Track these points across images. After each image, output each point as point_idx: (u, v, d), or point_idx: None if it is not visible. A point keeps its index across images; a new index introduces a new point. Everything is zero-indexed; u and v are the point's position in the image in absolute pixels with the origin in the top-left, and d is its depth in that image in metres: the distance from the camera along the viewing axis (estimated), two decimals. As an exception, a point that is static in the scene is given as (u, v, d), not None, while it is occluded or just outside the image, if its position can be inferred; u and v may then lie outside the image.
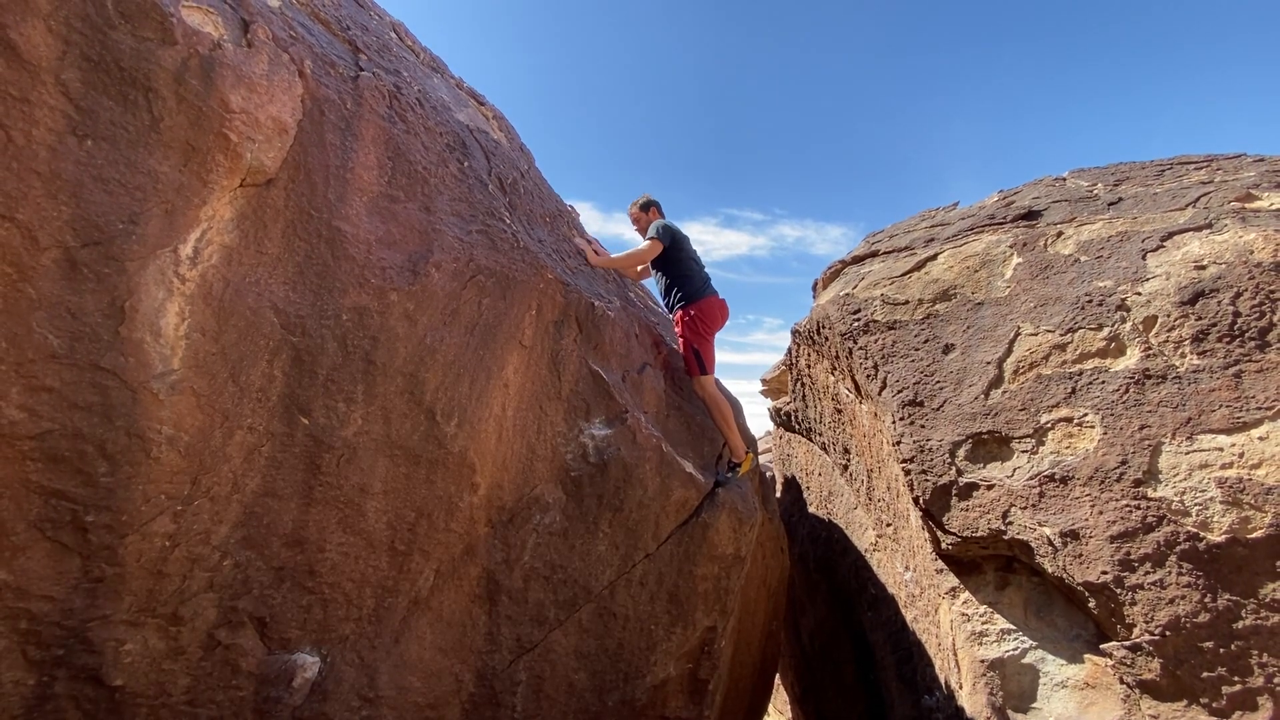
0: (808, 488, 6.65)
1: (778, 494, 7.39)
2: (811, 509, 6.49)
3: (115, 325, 1.87)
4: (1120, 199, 4.39)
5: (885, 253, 5.13)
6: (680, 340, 4.28)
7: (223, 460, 2.18)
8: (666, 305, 4.41)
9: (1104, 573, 2.87)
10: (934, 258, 4.48)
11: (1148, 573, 2.82)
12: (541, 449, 3.10)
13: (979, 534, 3.28)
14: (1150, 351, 3.25)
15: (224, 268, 2.02)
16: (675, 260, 4.26)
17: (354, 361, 2.34)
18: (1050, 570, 3.07)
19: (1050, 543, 3.05)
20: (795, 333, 5.68)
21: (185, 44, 1.84)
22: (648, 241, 4.15)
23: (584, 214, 5.03)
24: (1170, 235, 3.68)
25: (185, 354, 2.00)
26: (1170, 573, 2.78)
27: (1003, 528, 3.21)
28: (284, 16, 2.21)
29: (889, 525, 4.56)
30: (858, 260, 5.42)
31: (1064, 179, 5.27)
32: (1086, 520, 3.00)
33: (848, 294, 4.59)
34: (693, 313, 4.15)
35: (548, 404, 3.13)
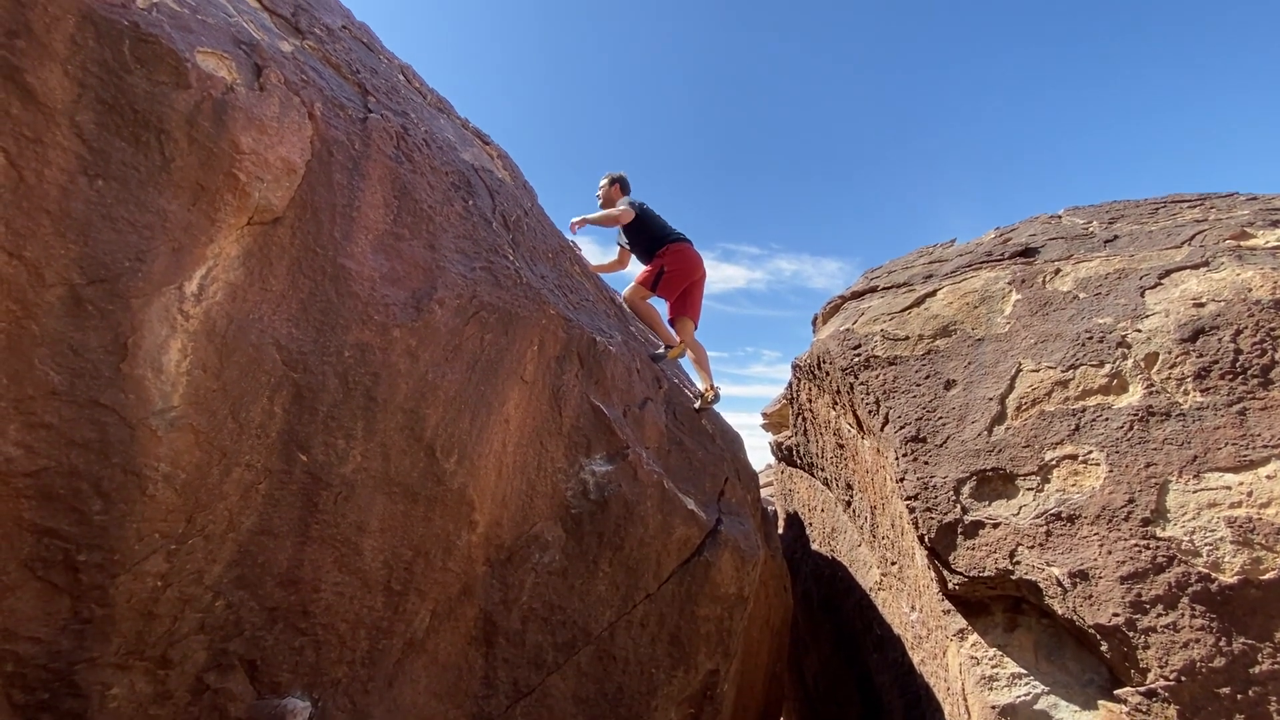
0: (810, 524, 6.56)
1: (780, 530, 7.29)
2: (814, 546, 6.39)
3: (117, 362, 1.87)
4: (1116, 236, 4.44)
5: (884, 288, 5.16)
6: (653, 262, 4.81)
7: (219, 498, 2.16)
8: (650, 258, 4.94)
9: (1115, 615, 2.81)
10: (933, 294, 4.50)
11: (1160, 615, 2.75)
12: (541, 485, 3.07)
13: (986, 574, 3.22)
14: (1153, 388, 3.24)
15: (228, 304, 2.03)
16: (644, 229, 4.83)
17: (355, 398, 2.34)
18: (1060, 612, 3.00)
19: (1059, 583, 2.99)
20: (796, 367, 5.68)
21: (199, 88, 1.88)
22: (621, 209, 4.73)
23: (583, 250, 5.36)
24: (1168, 273, 3.71)
25: (186, 390, 1.99)
26: (1183, 615, 2.72)
27: (1010, 567, 3.15)
28: (296, 61, 2.27)
29: (894, 564, 4.48)
30: (857, 295, 5.45)
31: (1059, 217, 5.34)
32: (1095, 560, 2.95)
33: (848, 329, 4.60)
34: (676, 249, 4.75)
35: (548, 440, 3.11)
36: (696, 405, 4.56)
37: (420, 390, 2.51)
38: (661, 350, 4.60)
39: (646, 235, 4.86)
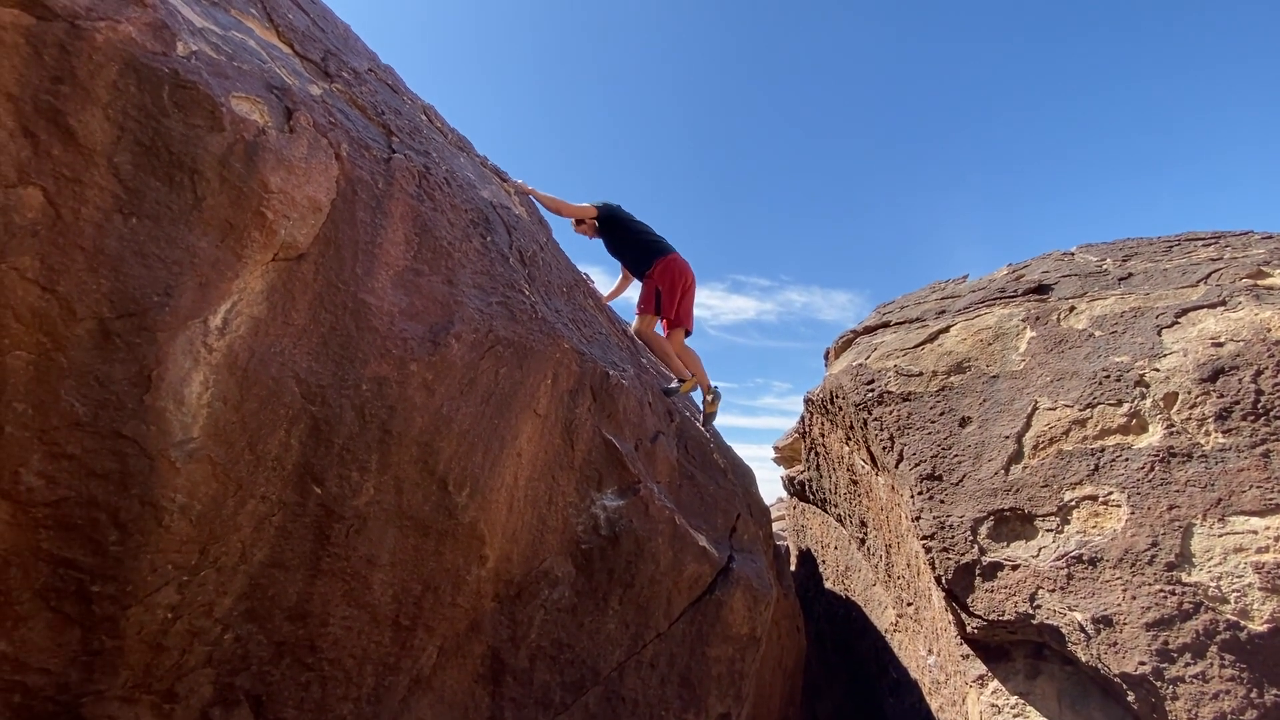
0: (823, 561, 6.44)
1: (792, 567, 7.16)
2: (828, 584, 6.26)
3: (140, 394, 1.90)
4: (1130, 274, 4.43)
5: (897, 324, 5.16)
6: (645, 285, 4.67)
7: (233, 530, 2.16)
8: (640, 275, 4.82)
9: (1142, 663, 2.72)
10: (946, 330, 4.50)
11: (1188, 664, 2.67)
12: (552, 520, 3.05)
13: (1006, 617, 3.14)
14: (1173, 429, 3.20)
15: (251, 338, 2.06)
16: (623, 237, 4.77)
17: (370, 431, 2.35)
18: (1084, 659, 2.91)
19: (1082, 629, 2.91)
20: (808, 401, 5.65)
21: (232, 130, 1.95)
22: (582, 205, 4.67)
23: (595, 282, 5.39)
24: (1184, 311, 3.69)
25: (206, 422, 2.02)
26: (1212, 664, 2.63)
27: (1030, 611, 3.07)
28: (324, 104, 2.35)
29: (910, 605, 4.38)
30: (869, 330, 5.45)
31: (1072, 254, 5.34)
32: (1119, 605, 2.87)
33: (861, 364, 4.59)
34: (663, 264, 4.63)
35: (560, 473, 3.10)
36: (671, 387, 4.55)
37: (435, 424, 2.53)
38: (674, 385, 4.59)
39: (630, 244, 4.82)
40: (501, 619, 2.89)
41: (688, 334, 4.92)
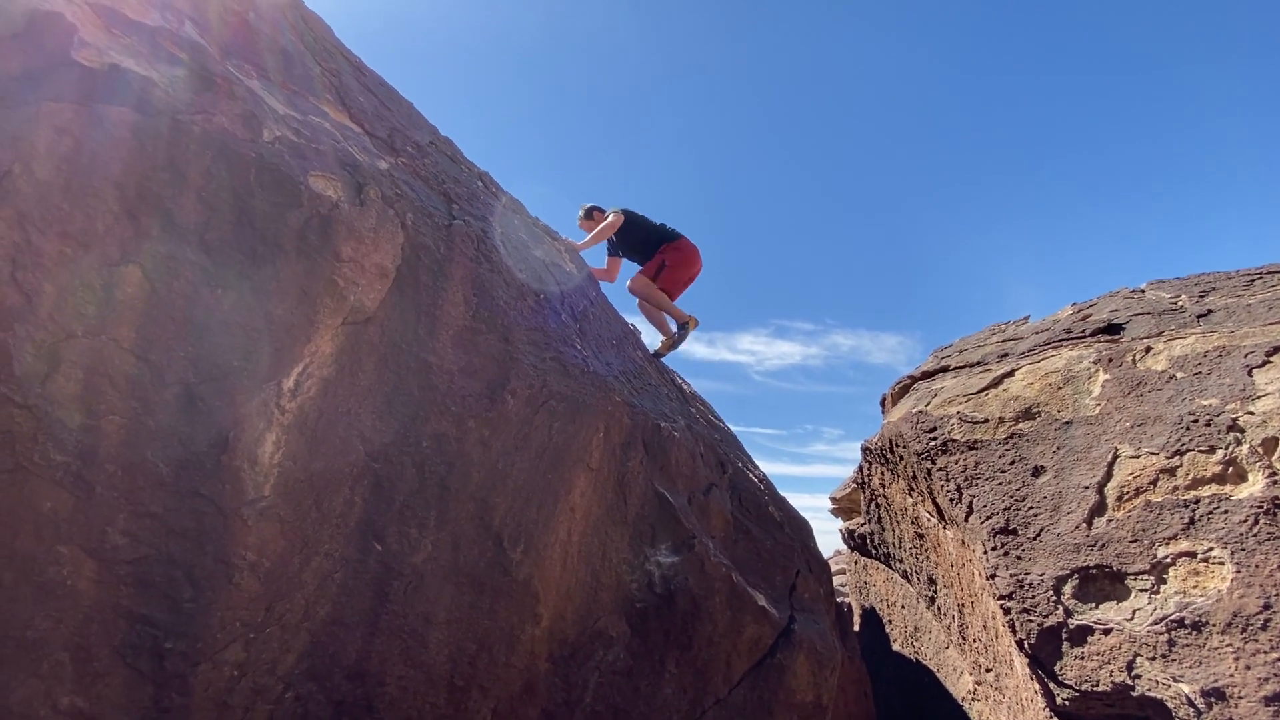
0: (889, 621, 6.07)
1: (856, 627, 6.78)
2: (896, 646, 5.88)
3: (219, 454, 2.00)
4: (1209, 311, 4.17)
5: (956, 368, 4.98)
6: (654, 258, 4.94)
7: (298, 587, 2.21)
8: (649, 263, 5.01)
9: (1265, 745, 2.42)
10: (1011, 374, 4.31)
11: (1321, 747, 2.36)
12: (606, 577, 3.00)
13: (1101, 688, 2.87)
14: (1276, 478, 2.93)
15: (320, 399, 2.16)
16: (637, 234, 4.97)
17: (429, 487, 2.39)
18: (1196, 738, 2.61)
19: (1190, 703, 2.62)
20: (866, 450, 5.46)
21: (309, 206, 2.10)
22: (610, 216, 4.87)
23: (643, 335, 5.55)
24: (1276, 350, 3.44)
25: (277, 481, 2.09)
26: (1350, 748, 2.32)
27: (1129, 682, 2.80)
28: (391, 177, 2.52)
29: (989, 670, 4.05)
30: (927, 375, 5.28)
31: (1142, 290, 5.10)
32: (1232, 676, 2.58)
33: (921, 411, 4.43)
34: (668, 247, 4.91)
35: (613, 529, 3.06)
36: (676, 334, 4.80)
37: (491, 479, 2.55)
38: (663, 341, 4.81)
39: (642, 236, 5.03)
40: (556, 681, 2.82)
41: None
